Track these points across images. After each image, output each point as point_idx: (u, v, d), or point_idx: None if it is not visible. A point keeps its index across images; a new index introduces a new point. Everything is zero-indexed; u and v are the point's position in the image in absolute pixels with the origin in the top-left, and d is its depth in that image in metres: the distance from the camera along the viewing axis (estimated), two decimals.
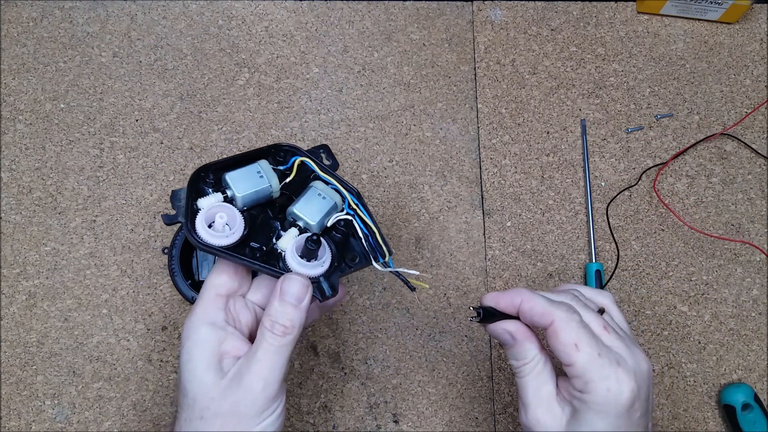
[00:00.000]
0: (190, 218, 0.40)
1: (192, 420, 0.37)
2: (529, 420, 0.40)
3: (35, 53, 0.64)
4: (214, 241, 0.39)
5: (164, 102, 0.64)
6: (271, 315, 0.38)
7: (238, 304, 0.41)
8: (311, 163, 0.44)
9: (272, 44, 0.67)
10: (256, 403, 0.37)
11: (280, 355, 0.38)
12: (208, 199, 0.41)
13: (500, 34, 0.70)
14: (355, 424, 0.57)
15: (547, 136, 0.67)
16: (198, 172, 0.41)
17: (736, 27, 0.72)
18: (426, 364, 0.59)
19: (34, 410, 0.55)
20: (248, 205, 0.42)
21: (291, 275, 0.39)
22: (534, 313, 0.39)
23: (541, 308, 0.39)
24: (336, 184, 0.44)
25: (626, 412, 0.37)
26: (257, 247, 0.41)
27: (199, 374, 0.38)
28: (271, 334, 0.38)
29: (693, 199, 0.66)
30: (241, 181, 0.41)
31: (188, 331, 0.39)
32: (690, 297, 0.63)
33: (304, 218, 0.42)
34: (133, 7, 0.67)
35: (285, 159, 0.44)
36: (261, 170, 0.42)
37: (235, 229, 0.40)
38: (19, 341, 0.57)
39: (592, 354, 0.37)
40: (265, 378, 0.37)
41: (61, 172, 0.61)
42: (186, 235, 0.40)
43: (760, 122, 0.68)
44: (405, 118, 0.66)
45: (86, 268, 0.59)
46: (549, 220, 0.64)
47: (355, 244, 0.44)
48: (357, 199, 0.44)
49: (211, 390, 0.37)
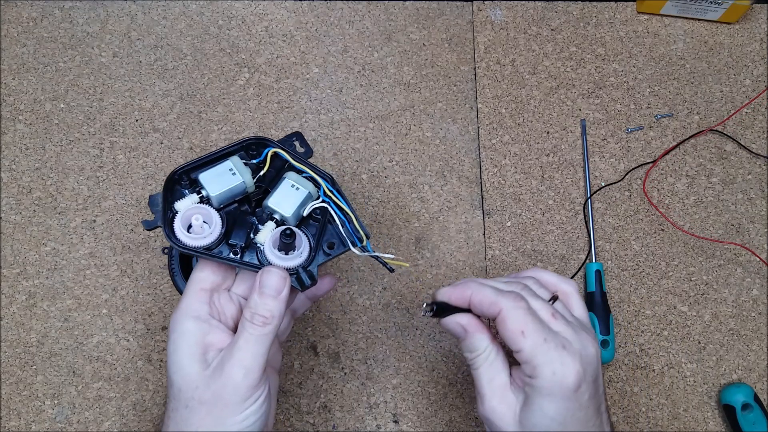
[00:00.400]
0: (167, 222, 0.41)
1: (178, 409, 0.39)
2: (486, 410, 0.41)
3: (35, 53, 0.64)
4: (193, 243, 0.40)
5: (164, 102, 0.64)
6: (251, 307, 0.39)
7: (223, 297, 0.42)
8: (283, 153, 0.44)
9: (272, 44, 0.67)
10: (238, 391, 0.38)
11: (261, 344, 0.39)
12: (184, 202, 0.42)
13: (500, 34, 0.70)
14: (355, 424, 0.57)
15: (547, 136, 0.67)
16: (172, 176, 0.42)
17: (736, 27, 0.72)
18: (426, 364, 0.59)
19: (34, 410, 0.55)
20: (224, 203, 0.43)
21: (269, 268, 0.40)
22: (483, 304, 0.40)
23: (489, 299, 0.40)
24: (309, 172, 0.44)
25: (573, 393, 0.38)
26: (236, 243, 0.42)
27: (184, 365, 0.39)
28: (251, 324, 0.39)
29: (693, 199, 0.66)
30: (213, 180, 0.42)
31: (174, 324, 0.40)
32: (690, 297, 0.63)
33: (279, 211, 0.42)
34: (133, 7, 0.67)
35: (258, 152, 0.44)
36: (233, 167, 0.42)
37: (213, 228, 0.41)
38: (19, 341, 0.57)
39: (538, 339, 0.38)
40: (246, 366, 0.38)
41: (61, 172, 0.61)
42: (165, 239, 0.41)
43: (760, 121, 0.68)
44: (405, 118, 0.66)
45: (86, 268, 0.59)
46: (549, 220, 0.64)
47: (333, 230, 0.44)
48: (331, 185, 0.44)
49: (195, 380, 0.38)
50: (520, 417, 0.39)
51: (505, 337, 0.39)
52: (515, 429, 0.40)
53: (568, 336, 0.39)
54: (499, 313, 0.39)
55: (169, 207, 0.42)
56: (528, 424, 0.39)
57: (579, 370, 0.38)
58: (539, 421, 0.38)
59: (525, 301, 0.40)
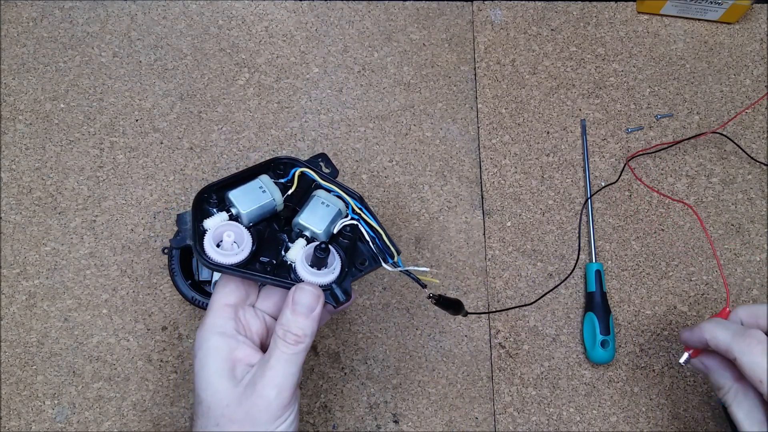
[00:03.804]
0: (198, 240, 0.40)
1: (207, 427, 0.38)
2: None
3: (35, 53, 0.64)
4: (224, 260, 0.40)
5: (164, 102, 0.64)
6: (284, 324, 0.39)
7: (248, 313, 0.42)
8: (311, 172, 0.44)
9: (272, 44, 0.67)
10: (270, 410, 0.38)
11: (293, 363, 0.38)
12: (214, 219, 0.41)
13: (500, 34, 0.70)
14: (355, 424, 0.57)
15: (547, 136, 0.67)
16: (201, 194, 0.42)
17: (736, 27, 0.72)
18: (426, 364, 0.59)
19: (34, 410, 0.55)
20: (254, 220, 0.43)
21: (302, 285, 0.40)
22: (719, 348, 0.40)
23: (724, 344, 0.40)
24: (338, 190, 0.44)
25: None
26: (267, 261, 0.42)
27: (213, 382, 0.38)
28: (284, 343, 0.38)
29: (693, 199, 0.66)
30: (244, 197, 0.42)
31: (200, 341, 0.40)
32: (690, 297, 0.63)
33: (310, 228, 0.42)
34: (133, 7, 0.67)
35: (285, 171, 0.45)
36: (263, 185, 0.43)
37: (244, 245, 0.41)
38: (19, 341, 0.57)
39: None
40: (279, 385, 0.38)
41: (61, 172, 0.61)
42: (196, 257, 0.41)
43: (760, 122, 0.68)
44: (405, 118, 0.66)
45: (86, 268, 0.59)
46: (549, 220, 0.64)
47: (363, 247, 0.44)
48: (360, 204, 0.44)
49: (225, 397, 0.38)
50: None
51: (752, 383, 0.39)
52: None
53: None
54: (735, 359, 0.39)
55: (198, 225, 0.41)
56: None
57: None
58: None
59: (762, 344, 0.39)
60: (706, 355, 0.43)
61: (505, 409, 0.58)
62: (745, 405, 0.41)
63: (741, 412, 0.41)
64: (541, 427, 0.58)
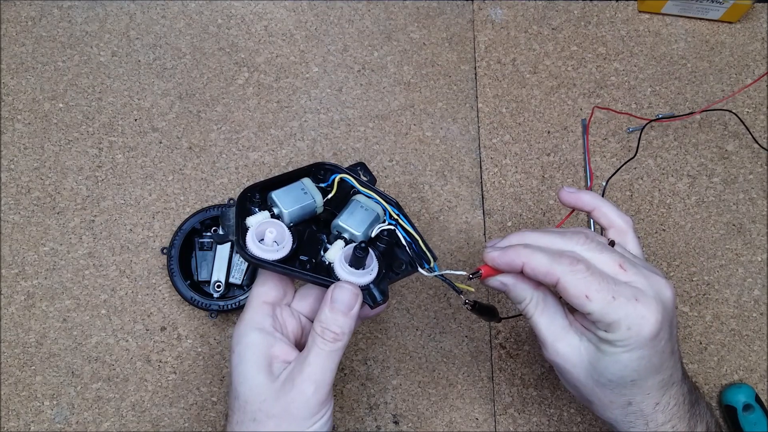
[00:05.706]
0: (241, 236, 0.41)
1: (244, 422, 0.39)
2: (550, 354, 0.41)
3: (34, 52, 0.64)
4: (266, 256, 0.41)
5: (163, 101, 0.64)
6: (322, 321, 0.39)
7: (285, 312, 0.43)
8: (351, 179, 0.46)
9: (272, 43, 0.67)
10: (308, 406, 0.38)
11: (331, 360, 0.39)
12: (256, 217, 0.43)
13: (501, 33, 0.69)
14: (355, 424, 0.57)
15: (547, 136, 0.66)
16: (245, 192, 0.43)
17: (738, 26, 0.72)
18: (426, 364, 0.59)
19: (33, 411, 0.55)
20: (295, 220, 0.44)
21: (341, 284, 0.40)
22: (537, 274, 0.39)
23: (544, 268, 0.38)
24: (376, 197, 0.46)
25: (650, 342, 0.37)
26: (306, 260, 0.43)
27: (251, 376, 0.39)
28: (322, 340, 0.39)
29: (694, 199, 0.65)
30: (286, 198, 0.43)
31: (238, 336, 0.40)
32: (691, 297, 0.63)
33: (349, 230, 0.43)
34: (132, 6, 0.67)
35: (325, 177, 0.46)
36: (305, 187, 0.44)
37: (285, 243, 0.42)
38: (18, 342, 0.57)
39: (605, 299, 0.37)
40: (317, 381, 0.38)
41: (60, 171, 0.61)
42: (238, 251, 0.42)
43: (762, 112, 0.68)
44: (405, 118, 0.66)
45: (85, 269, 0.59)
46: (549, 220, 0.64)
47: (400, 252, 0.45)
48: (397, 210, 0.46)
49: (262, 392, 0.38)
50: (592, 362, 0.39)
51: (572, 304, 0.38)
52: (583, 370, 0.40)
53: (640, 285, 0.38)
54: (557, 282, 0.38)
55: (241, 222, 0.43)
56: (601, 370, 0.38)
57: (657, 319, 0.37)
58: (613, 368, 0.38)
59: (583, 263, 0.38)
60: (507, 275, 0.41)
61: (506, 409, 0.58)
62: (549, 312, 0.41)
63: (545, 319, 0.41)
64: (542, 427, 0.58)
